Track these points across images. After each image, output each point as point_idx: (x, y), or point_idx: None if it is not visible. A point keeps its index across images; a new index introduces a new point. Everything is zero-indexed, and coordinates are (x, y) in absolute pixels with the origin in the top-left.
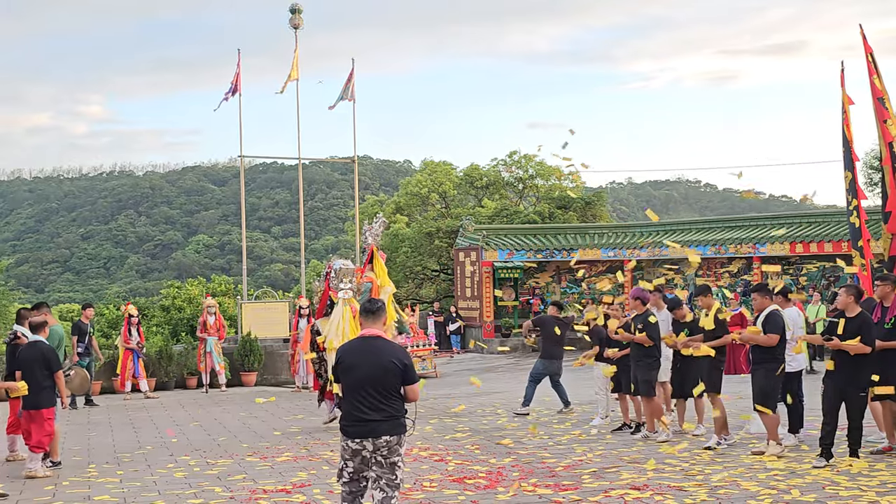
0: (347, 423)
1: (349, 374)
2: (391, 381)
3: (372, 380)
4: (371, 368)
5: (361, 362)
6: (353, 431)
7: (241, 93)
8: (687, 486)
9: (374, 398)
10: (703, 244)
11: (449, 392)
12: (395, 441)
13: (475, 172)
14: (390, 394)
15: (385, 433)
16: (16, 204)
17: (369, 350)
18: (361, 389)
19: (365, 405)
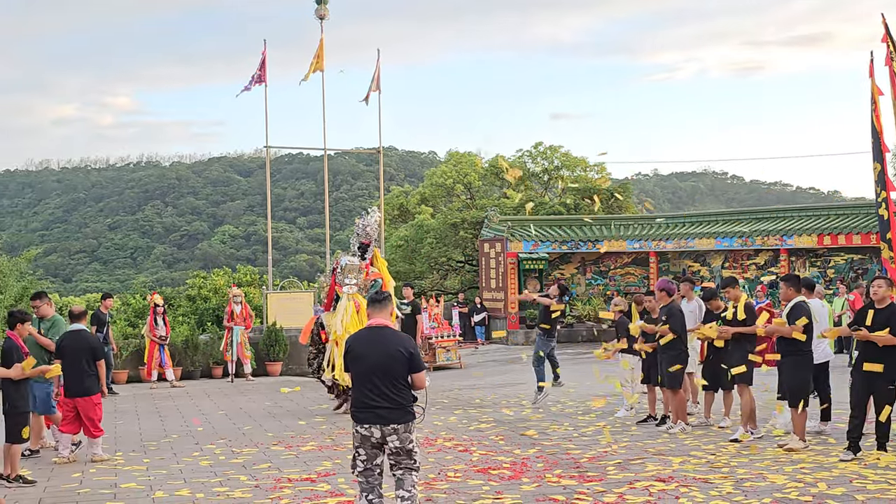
0: (357, 410)
1: (358, 362)
2: (398, 369)
3: (380, 368)
4: (379, 357)
5: (370, 351)
6: (362, 417)
7: (268, 83)
8: (713, 479)
9: (382, 386)
10: (730, 236)
11: (473, 383)
12: (403, 429)
13: (500, 163)
14: (398, 382)
15: (393, 421)
16: (44, 194)
17: (377, 339)
18: (370, 378)
19: (374, 393)
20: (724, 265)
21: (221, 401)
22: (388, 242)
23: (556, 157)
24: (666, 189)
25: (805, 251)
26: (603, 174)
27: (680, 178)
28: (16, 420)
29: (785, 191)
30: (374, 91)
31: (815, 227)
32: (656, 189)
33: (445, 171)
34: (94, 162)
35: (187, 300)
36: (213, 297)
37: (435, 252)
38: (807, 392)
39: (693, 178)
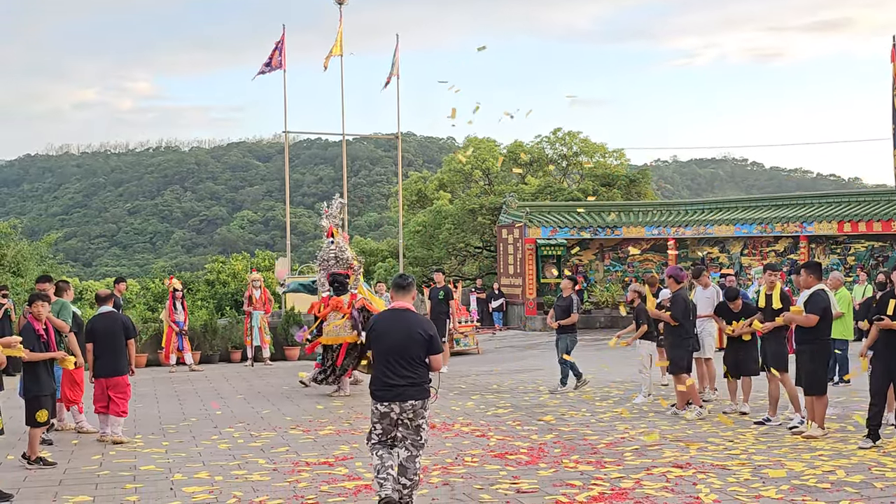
0: (376, 388)
1: (380, 341)
2: (417, 350)
3: (400, 348)
4: (399, 338)
5: (391, 331)
6: (381, 395)
7: (286, 69)
8: (730, 465)
9: (400, 365)
10: (749, 223)
11: (490, 368)
12: (420, 405)
13: (519, 149)
14: (416, 362)
15: (411, 398)
16: (64, 178)
17: (399, 321)
18: (390, 357)
19: (392, 371)
20: (744, 252)
21: (240, 385)
22: (406, 228)
23: (574, 142)
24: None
25: (825, 238)
26: (622, 160)
27: (699, 164)
28: (30, 404)
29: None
30: (394, 76)
31: (835, 214)
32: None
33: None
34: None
35: (206, 285)
36: (232, 281)
37: (453, 238)
38: (825, 380)
39: (712, 164)
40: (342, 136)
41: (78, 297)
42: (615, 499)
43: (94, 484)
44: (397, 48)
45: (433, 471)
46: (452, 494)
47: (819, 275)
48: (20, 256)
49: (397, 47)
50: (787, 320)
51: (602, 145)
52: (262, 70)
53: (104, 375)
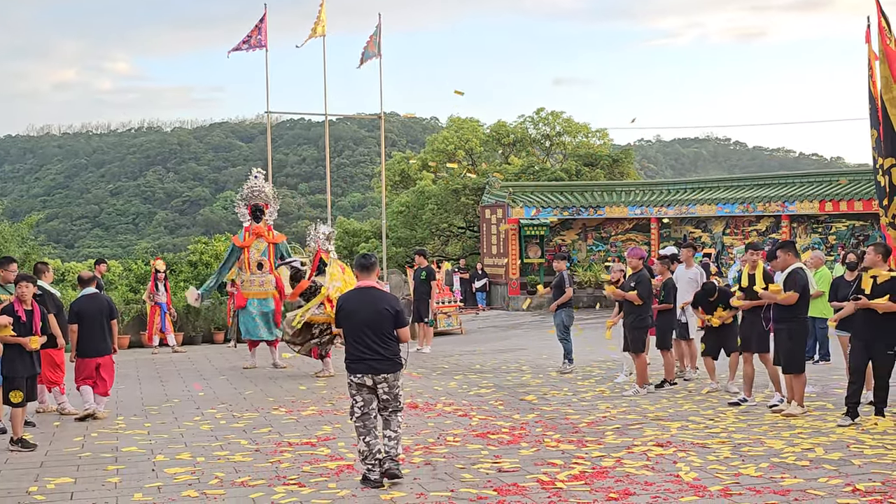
0: (351, 362)
1: (349, 319)
2: (385, 324)
3: (369, 324)
4: (368, 314)
5: (359, 309)
6: (356, 368)
7: (269, 48)
8: (710, 444)
9: (371, 340)
10: (732, 202)
11: (474, 348)
12: (393, 377)
13: (502, 129)
14: (385, 336)
15: (382, 371)
16: (45, 160)
17: (366, 299)
18: (360, 332)
19: (364, 346)
20: (726, 231)
21: (223, 366)
22: (389, 208)
23: (557, 122)
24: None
25: (806, 217)
26: (605, 140)
27: (682, 144)
28: (4, 385)
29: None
30: (376, 57)
31: (817, 194)
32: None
33: (447, 136)
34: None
35: (189, 266)
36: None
37: (436, 218)
38: (803, 359)
39: (696, 144)
40: (325, 117)
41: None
42: (596, 477)
43: (75, 466)
44: (379, 26)
45: (415, 450)
46: (434, 474)
47: (796, 253)
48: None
49: (379, 25)
50: (766, 298)
51: (585, 125)
52: (238, 47)
53: (91, 355)
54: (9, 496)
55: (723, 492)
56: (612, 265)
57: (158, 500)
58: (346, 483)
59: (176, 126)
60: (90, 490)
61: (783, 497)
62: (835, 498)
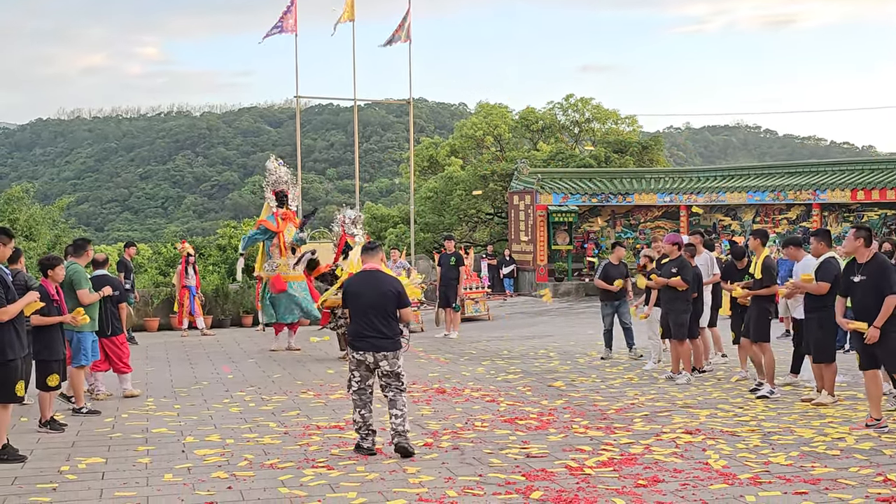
0: (354, 340)
1: (355, 300)
2: (388, 305)
3: (373, 304)
4: (372, 295)
5: (365, 290)
6: (358, 346)
7: (298, 33)
8: (740, 432)
9: (375, 319)
10: (762, 190)
11: (501, 334)
12: (393, 355)
13: (531, 115)
14: (389, 316)
15: (384, 349)
16: (76, 143)
17: (371, 281)
18: (365, 312)
19: (368, 325)
20: (756, 219)
21: (251, 349)
22: (417, 194)
23: (587, 109)
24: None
25: (838, 206)
26: (634, 127)
27: (712, 131)
28: (39, 368)
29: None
30: (405, 41)
31: (848, 182)
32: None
33: (476, 122)
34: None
35: (218, 250)
36: None
37: (464, 204)
38: (833, 348)
39: (725, 131)
40: (354, 102)
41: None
42: (624, 464)
43: (106, 446)
44: (409, 12)
45: (443, 435)
46: (462, 459)
47: (829, 242)
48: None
49: (409, 11)
50: (798, 288)
51: (615, 112)
52: (270, 32)
53: (102, 335)
54: (41, 475)
55: (752, 480)
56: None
57: (188, 480)
58: (374, 466)
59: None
60: (121, 470)
61: (813, 486)
62: (866, 488)
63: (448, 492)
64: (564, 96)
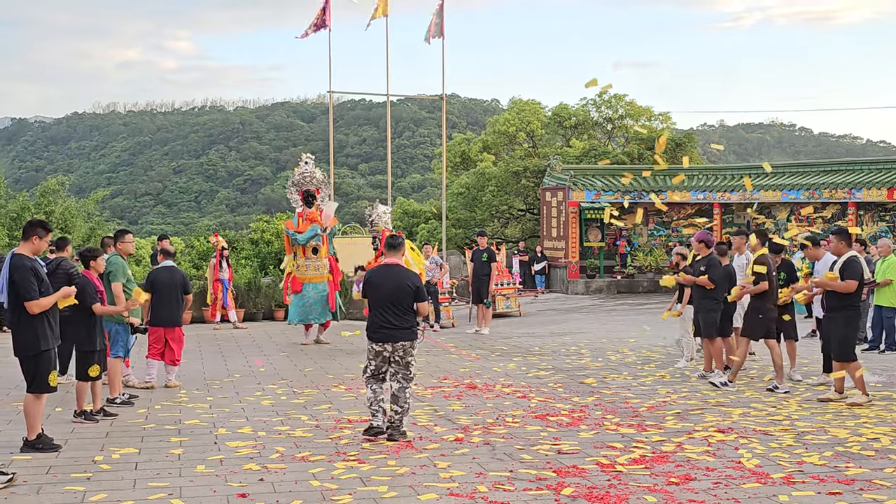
0: (372, 331)
1: (375, 292)
2: (406, 299)
3: (391, 297)
4: (391, 288)
5: (384, 283)
6: (376, 336)
7: (331, 28)
8: (773, 431)
9: (393, 312)
10: (797, 188)
11: (532, 331)
12: (409, 345)
13: (564, 112)
14: (406, 308)
15: (401, 339)
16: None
17: (390, 275)
18: (383, 304)
19: (385, 317)
20: (790, 218)
21: (283, 342)
22: (449, 190)
23: (620, 105)
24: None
25: (874, 205)
26: (667, 124)
27: (746, 129)
28: (82, 358)
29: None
30: (438, 37)
31: (885, 181)
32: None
33: (508, 118)
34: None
35: (250, 244)
36: (276, 241)
37: (496, 200)
38: (854, 346)
39: (760, 129)
40: (387, 97)
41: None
42: (656, 462)
43: (139, 437)
44: (442, 6)
45: (474, 430)
46: (493, 454)
47: (849, 241)
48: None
49: (442, 5)
50: (822, 286)
51: (648, 108)
52: (308, 30)
53: (161, 325)
54: (76, 464)
55: (786, 479)
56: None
57: (220, 472)
58: (405, 461)
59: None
60: (154, 461)
61: (847, 486)
62: None
63: (479, 487)
64: (598, 93)
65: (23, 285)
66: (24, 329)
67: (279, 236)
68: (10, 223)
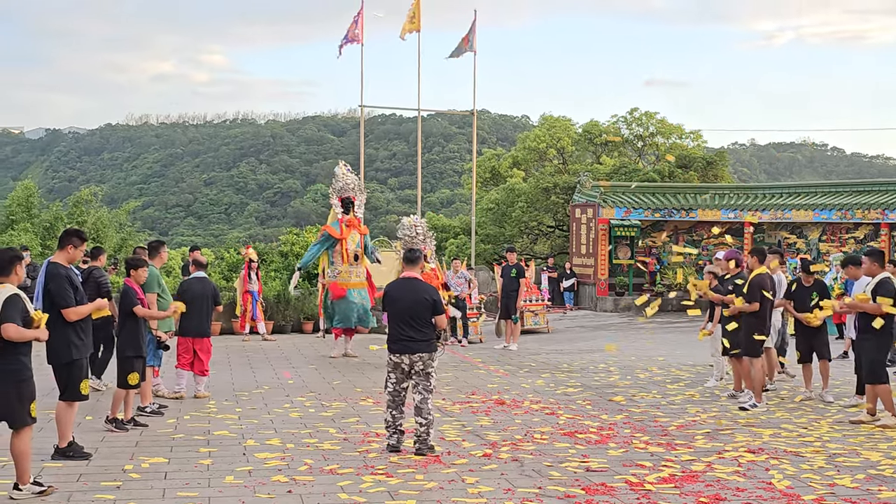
0: (391, 342)
1: (393, 305)
2: (424, 311)
3: (410, 310)
4: (409, 301)
5: (402, 296)
6: (395, 348)
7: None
8: (804, 452)
9: (410, 325)
10: (829, 208)
11: (560, 348)
12: (427, 357)
13: (594, 129)
14: (424, 321)
15: (419, 350)
16: (143, 148)
17: (409, 288)
18: (402, 317)
19: (403, 329)
20: (822, 238)
21: (311, 355)
22: (478, 205)
23: (651, 123)
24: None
25: None
26: (698, 142)
27: (777, 148)
28: (122, 365)
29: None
30: (470, 52)
31: None
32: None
33: (539, 134)
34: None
35: (280, 256)
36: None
37: (526, 216)
38: (884, 368)
39: (791, 148)
40: (418, 112)
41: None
42: (686, 481)
43: (169, 446)
44: (474, 23)
45: (502, 446)
46: (522, 470)
47: (882, 262)
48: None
49: (474, 22)
50: (853, 308)
51: (679, 126)
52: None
53: (190, 335)
54: (106, 473)
55: (817, 501)
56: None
57: (249, 483)
58: (433, 475)
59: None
60: (183, 470)
61: None
62: None
63: (507, 503)
64: (629, 110)
65: (59, 294)
66: (57, 338)
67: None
68: (44, 232)
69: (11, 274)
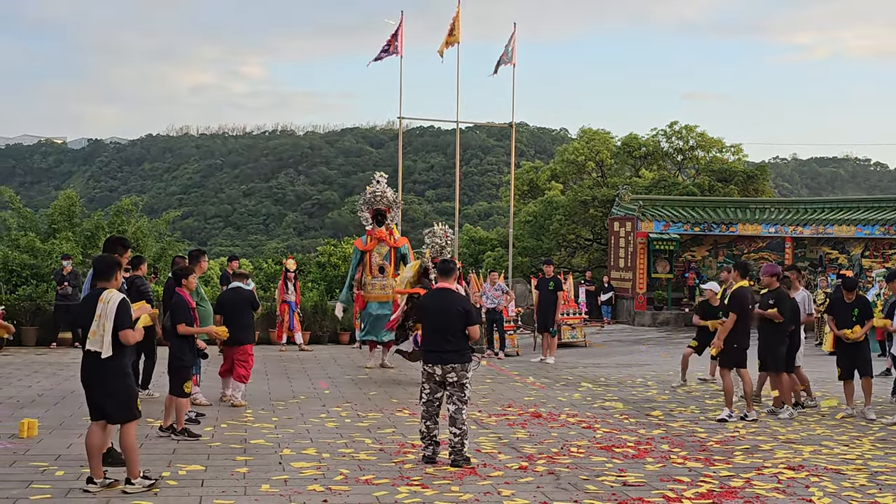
0: (425, 352)
1: (427, 316)
2: (457, 322)
3: (443, 321)
4: (441, 312)
5: (435, 307)
6: (429, 358)
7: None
8: (845, 470)
9: (443, 335)
10: (872, 223)
11: (597, 361)
12: (460, 367)
13: (633, 142)
14: (457, 332)
15: (451, 361)
16: (183, 159)
17: (442, 299)
18: (435, 328)
19: (436, 340)
20: (864, 254)
21: (348, 366)
22: (516, 218)
23: (691, 136)
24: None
25: None
26: (739, 156)
27: (820, 163)
28: (178, 374)
29: None
30: (509, 65)
31: None
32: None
33: (577, 147)
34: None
35: (317, 267)
36: (343, 264)
37: (563, 229)
38: None
39: (833, 163)
40: (456, 124)
41: None
42: (724, 497)
43: (206, 455)
44: (513, 36)
45: (539, 459)
46: (558, 484)
47: None
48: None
49: (513, 35)
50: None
51: (719, 140)
52: (378, 56)
53: (230, 344)
54: None
55: None
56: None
57: (285, 492)
58: (469, 487)
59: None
60: (220, 479)
61: None
62: None
63: None
64: (668, 123)
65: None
66: None
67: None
68: (85, 241)
69: (112, 279)
